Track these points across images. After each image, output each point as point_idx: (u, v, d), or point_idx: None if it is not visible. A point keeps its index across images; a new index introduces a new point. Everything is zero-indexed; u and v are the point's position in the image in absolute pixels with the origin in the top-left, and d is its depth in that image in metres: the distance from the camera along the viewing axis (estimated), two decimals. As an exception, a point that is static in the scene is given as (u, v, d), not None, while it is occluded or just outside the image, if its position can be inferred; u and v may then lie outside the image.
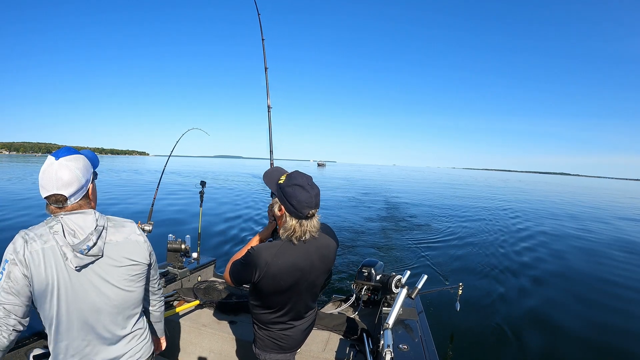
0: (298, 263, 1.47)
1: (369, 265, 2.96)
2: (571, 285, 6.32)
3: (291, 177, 1.45)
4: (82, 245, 1.13)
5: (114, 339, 1.26)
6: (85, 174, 1.20)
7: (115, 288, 1.22)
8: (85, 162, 1.22)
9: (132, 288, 1.27)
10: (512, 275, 6.64)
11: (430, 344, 2.13)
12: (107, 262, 1.20)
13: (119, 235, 1.25)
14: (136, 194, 16.08)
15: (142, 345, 1.36)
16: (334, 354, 2.37)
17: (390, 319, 2.15)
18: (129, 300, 1.27)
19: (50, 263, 1.11)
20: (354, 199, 18.70)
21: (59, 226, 1.13)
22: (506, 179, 77.80)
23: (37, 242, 1.11)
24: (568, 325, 4.69)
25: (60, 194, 1.14)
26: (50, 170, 1.14)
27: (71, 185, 1.15)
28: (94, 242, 1.15)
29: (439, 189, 30.45)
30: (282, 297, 1.53)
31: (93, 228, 1.16)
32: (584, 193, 39.14)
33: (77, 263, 1.13)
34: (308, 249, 1.49)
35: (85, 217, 1.17)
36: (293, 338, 1.66)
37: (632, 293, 6.11)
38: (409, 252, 7.94)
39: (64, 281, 1.13)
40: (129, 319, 1.30)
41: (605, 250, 9.32)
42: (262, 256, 1.43)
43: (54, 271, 1.11)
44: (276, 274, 1.44)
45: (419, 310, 2.60)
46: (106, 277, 1.20)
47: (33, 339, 1.95)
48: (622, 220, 16.13)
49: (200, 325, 2.64)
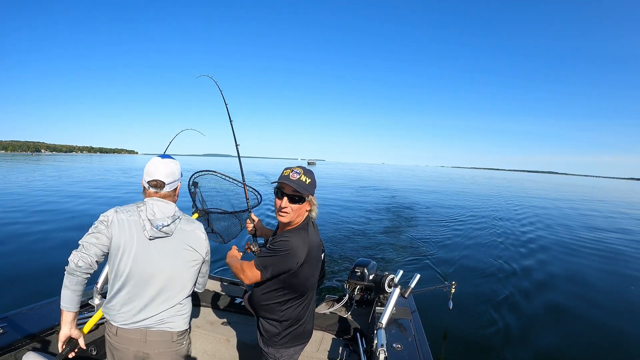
0: (317, 242, 1.70)
1: (362, 265, 2.97)
2: (565, 283, 6.47)
3: (303, 169, 1.65)
4: (158, 222, 1.50)
5: (157, 305, 1.53)
6: (179, 173, 1.64)
7: (172, 263, 1.53)
8: (179, 167, 1.66)
9: (185, 270, 1.57)
10: (503, 273, 6.75)
11: (424, 343, 2.14)
12: (173, 243, 1.54)
13: (188, 227, 1.61)
14: (129, 197, 15.80)
15: (177, 320, 1.59)
16: (327, 354, 2.37)
17: (384, 318, 2.16)
18: (178, 278, 1.56)
19: (131, 230, 1.48)
20: (353, 198, 18.74)
21: (145, 207, 1.52)
22: (491, 177, 79.62)
23: (124, 213, 1.50)
24: (563, 323, 4.79)
25: (161, 180, 1.55)
26: (157, 163, 1.57)
27: (170, 176, 1.58)
28: (168, 224, 1.52)
29: (434, 186, 30.85)
30: (313, 279, 1.71)
31: (171, 214, 1.55)
32: (561, 189, 41.27)
33: (151, 234, 1.49)
34: (315, 230, 1.72)
35: (168, 206, 1.56)
36: (309, 328, 1.79)
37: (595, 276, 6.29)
38: (402, 251, 7.99)
39: (137, 245, 1.48)
40: (173, 295, 1.56)
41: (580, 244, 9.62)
42: (300, 240, 1.58)
43: (133, 236, 1.48)
44: (313, 255, 1.62)
45: (412, 309, 2.62)
46: (169, 252, 1.53)
47: (25, 342, 1.93)
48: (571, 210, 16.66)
49: (194, 327, 2.62)
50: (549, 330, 4.53)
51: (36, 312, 2.20)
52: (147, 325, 1.53)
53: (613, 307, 5.41)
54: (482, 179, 59.31)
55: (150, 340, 1.53)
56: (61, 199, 13.38)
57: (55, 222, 9.28)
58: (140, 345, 1.53)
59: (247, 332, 2.55)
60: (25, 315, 2.14)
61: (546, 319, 4.88)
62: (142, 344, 1.53)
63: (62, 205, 12.03)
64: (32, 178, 22.83)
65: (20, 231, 8.16)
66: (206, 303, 2.94)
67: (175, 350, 1.60)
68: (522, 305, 5.29)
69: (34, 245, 7.05)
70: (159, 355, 1.56)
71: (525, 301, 5.44)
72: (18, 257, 6.28)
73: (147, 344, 1.53)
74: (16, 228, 8.46)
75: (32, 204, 12.01)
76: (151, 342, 1.53)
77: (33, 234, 7.88)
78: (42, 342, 2.04)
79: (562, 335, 4.43)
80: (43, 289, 4.46)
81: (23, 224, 8.93)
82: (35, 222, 9.09)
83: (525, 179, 79.65)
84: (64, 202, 12.79)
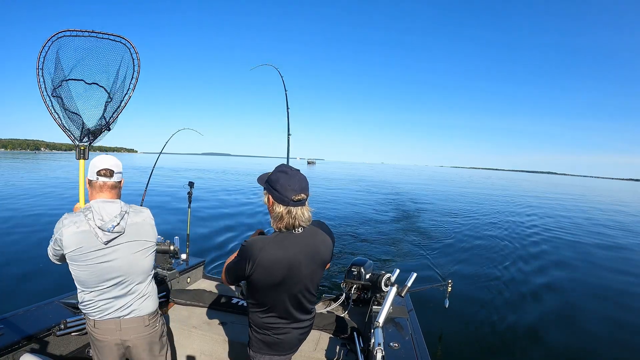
0: (288, 256, 1.44)
1: (359, 264, 2.98)
2: (560, 282, 6.50)
3: (276, 168, 1.52)
4: (108, 224, 1.54)
5: (123, 297, 1.64)
6: (121, 168, 1.71)
7: (128, 259, 1.61)
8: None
9: (141, 260, 1.66)
10: (500, 272, 6.77)
11: (421, 342, 2.15)
12: (126, 238, 1.60)
13: (138, 218, 1.67)
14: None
15: (145, 304, 1.71)
16: (325, 353, 2.38)
17: (381, 317, 2.17)
18: (137, 269, 1.65)
19: (83, 240, 1.52)
20: (352, 198, 18.74)
21: (92, 213, 1.54)
22: (488, 176, 79.75)
23: (72, 226, 1.53)
24: (562, 323, 4.81)
25: (110, 169, 1.61)
26: (102, 156, 1.65)
27: (116, 167, 1.65)
28: (118, 222, 1.56)
29: (433, 186, 30.89)
30: (275, 294, 1.51)
31: (118, 212, 1.59)
32: (555, 189, 41.08)
33: (105, 239, 1.53)
34: (300, 242, 1.47)
35: (113, 205, 1.60)
36: (287, 342, 1.61)
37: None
38: (399, 250, 8.01)
39: (95, 252, 1.53)
40: (136, 284, 1.66)
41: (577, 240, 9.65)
42: (254, 247, 1.43)
43: (86, 246, 1.52)
44: (267, 267, 1.42)
45: (409, 308, 2.63)
46: (125, 248, 1.59)
47: (22, 343, 1.93)
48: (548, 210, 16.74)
49: (191, 327, 2.62)
50: (547, 329, 4.55)
51: (33, 313, 2.20)
52: (118, 315, 1.64)
53: (617, 305, 5.45)
54: (479, 179, 59.55)
55: (124, 327, 1.65)
56: (61, 200, 13.38)
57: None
58: (117, 334, 1.65)
59: (245, 332, 2.55)
60: (23, 316, 2.14)
61: (544, 318, 4.89)
62: (118, 332, 1.64)
63: (62, 205, 12.04)
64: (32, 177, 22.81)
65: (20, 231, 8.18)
66: (203, 303, 2.94)
67: (150, 333, 1.72)
68: (518, 304, 5.31)
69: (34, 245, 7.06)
70: (136, 339, 1.68)
71: (522, 300, 5.48)
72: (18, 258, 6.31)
73: (122, 332, 1.65)
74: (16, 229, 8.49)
75: (32, 205, 12.01)
76: (126, 330, 1.66)
77: (33, 234, 7.90)
78: (39, 343, 2.04)
79: (562, 335, 4.45)
80: (42, 289, 4.47)
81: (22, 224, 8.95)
82: (35, 222, 9.10)
83: (523, 179, 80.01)
84: (63, 203, 12.78)
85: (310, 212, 1.51)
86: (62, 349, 2.15)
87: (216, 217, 10.99)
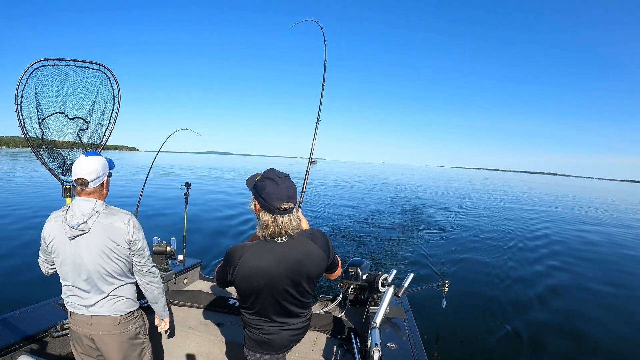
0: (267, 266, 1.42)
1: (356, 265, 2.97)
2: (560, 283, 6.50)
3: (264, 173, 1.48)
4: (74, 221, 1.59)
5: (92, 295, 1.69)
6: (103, 169, 1.68)
7: (92, 258, 1.63)
8: (104, 161, 1.71)
9: (106, 263, 1.65)
10: (498, 272, 6.77)
11: (418, 342, 2.15)
12: (91, 238, 1.62)
13: (107, 220, 1.65)
14: (119, 196, 15.76)
15: (117, 306, 1.74)
16: (322, 354, 2.38)
17: (378, 317, 2.17)
18: (102, 271, 1.65)
19: (58, 235, 1.62)
20: (353, 197, 18.73)
21: (68, 209, 1.62)
22: (488, 177, 79.91)
23: (53, 221, 1.64)
24: (560, 322, 4.82)
25: (84, 179, 1.61)
26: (81, 161, 1.63)
27: (93, 174, 1.62)
28: (85, 221, 1.60)
29: (433, 185, 30.88)
30: (257, 300, 1.50)
31: (89, 211, 1.61)
32: (561, 190, 41.26)
33: (70, 234, 1.60)
34: (280, 252, 1.44)
35: (87, 203, 1.63)
36: (277, 342, 1.62)
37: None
38: (395, 251, 8.01)
39: (64, 247, 1.62)
40: (102, 286, 1.68)
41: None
42: (236, 255, 1.44)
43: (60, 240, 1.62)
44: (247, 275, 1.43)
45: (406, 308, 2.63)
46: (88, 248, 1.62)
47: (20, 345, 1.93)
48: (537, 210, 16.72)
49: (187, 328, 2.61)
50: (545, 330, 4.55)
51: (30, 314, 2.20)
52: (90, 312, 1.70)
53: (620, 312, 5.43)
54: (479, 179, 59.59)
55: (95, 323, 1.71)
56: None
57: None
58: (87, 327, 1.71)
59: (241, 333, 2.55)
60: (19, 317, 2.14)
61: (542, 319, 4.89)
62: (88, 325, 1.71)
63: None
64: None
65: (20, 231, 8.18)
66: (200, 304, 2.94)
67: (120, 333, 1.75)
68: (516, 304, 5.31)
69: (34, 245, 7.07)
70: (105, 336, 1.72)
71: (520, 301, 5.47)
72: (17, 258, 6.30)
73: (92, 326, 1.71)
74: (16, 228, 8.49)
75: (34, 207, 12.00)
76: (95, 325, 1.71)
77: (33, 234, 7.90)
78: (37, 344, 2.05)
79: (560, 336, 4.45)
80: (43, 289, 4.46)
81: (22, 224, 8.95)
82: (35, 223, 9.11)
83: (521, 179, 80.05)
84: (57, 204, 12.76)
85: (299, 220, 1.49)
86: (59, 350, 2.16)
87: (214, 218, 10.99)
